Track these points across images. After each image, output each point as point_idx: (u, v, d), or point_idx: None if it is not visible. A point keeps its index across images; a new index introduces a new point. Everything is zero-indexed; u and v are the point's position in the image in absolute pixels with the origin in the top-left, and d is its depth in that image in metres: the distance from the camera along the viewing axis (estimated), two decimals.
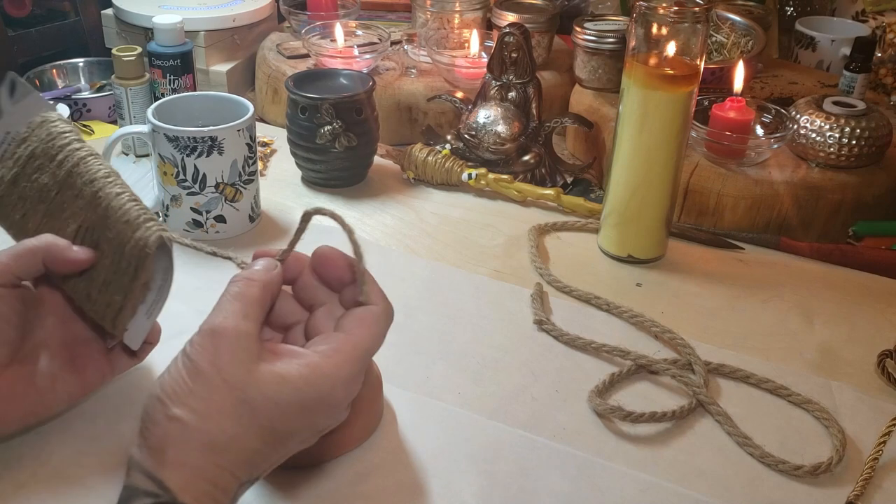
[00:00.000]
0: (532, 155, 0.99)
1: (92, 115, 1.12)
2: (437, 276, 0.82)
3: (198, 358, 0.47)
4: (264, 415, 0.47)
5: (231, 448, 0.46)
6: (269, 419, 0.47)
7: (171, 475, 0.45)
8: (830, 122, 0.90)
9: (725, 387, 0.70)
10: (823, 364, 0.73)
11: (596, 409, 0.66)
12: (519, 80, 0.99)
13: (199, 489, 0.45)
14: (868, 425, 0.66)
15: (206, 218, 0.85)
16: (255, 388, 0.46)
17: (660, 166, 0.80)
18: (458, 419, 0.65)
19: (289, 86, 0.93)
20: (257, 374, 0.47)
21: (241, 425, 0.46)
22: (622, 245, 0.85)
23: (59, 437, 0.61)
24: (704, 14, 0.76)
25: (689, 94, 0.78)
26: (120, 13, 1.19)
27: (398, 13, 1.31)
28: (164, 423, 0.46)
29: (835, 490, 0.60)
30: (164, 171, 0.83)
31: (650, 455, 0.63)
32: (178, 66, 1.01)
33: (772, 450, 0.63)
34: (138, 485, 0.45)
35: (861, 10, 1.27)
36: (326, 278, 0.54)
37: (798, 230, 0.90)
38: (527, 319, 0.76)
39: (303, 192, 0.97)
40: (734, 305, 0.80)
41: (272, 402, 0.47)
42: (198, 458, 0.45)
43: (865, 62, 1.04)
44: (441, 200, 0.96)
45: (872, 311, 0.80)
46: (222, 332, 0.47)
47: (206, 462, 0.45)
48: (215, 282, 0.79)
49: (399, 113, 1.09)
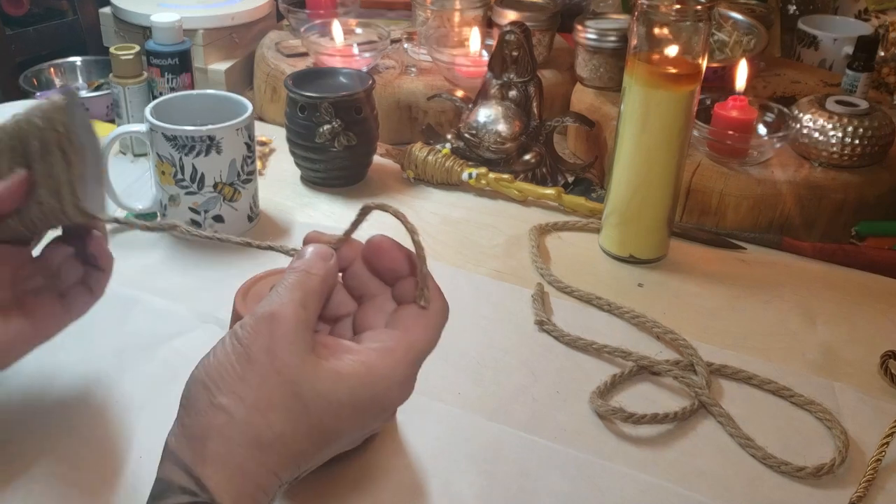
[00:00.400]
0: (533, 154, 0.99)
1: (90, 115, 1.11)
2: (438, 276, 0.81)
3: (251, 343, 0.43)
4: (316, 413, 0.43)
5: (277, 446, 0.42)
6: (321, 417, 0.43)
7: (211, 472, 0.41)
8: (833, 122, 0.90)
9: (727, 388, 0.69)
10: (825, 365, 0.72)
11: (597, 410, 0.66)
12: (520, 79, 0.98)
13: (240, 489, 0.41)
14: (870, 426, 0.66)
15: (205, 218, 0.84)
16: (309, 384, 0.43)
17: (661, 166, 0.80)
18: (459, 419, 0.64)
19: (288, 84, 0.93)
20: (312, 369, 0.43)
21: (290, 421, 0.42)
22: (624, 245, 0.85)
23: (60, 437, 0.61)
24: (706, 12, 0.76)
25: (691, 93, 0.78)
26: (118, 12, 1.19)
27: (398, 11, 1.31)
28: (207, 411, 0.42)
29: (837, 491, 0.60)
30: (163, 171, 0.83)
31: (651, 456, 0.62)
32: (176, 64, 1.01)
33: (774, 451, 0.62)
34: (174, 479, 0.41)
35: (864, 8, 1.27)
36: (380, 270, 0.50)
37: (800, 230, 0.90)
38: (528, 320, 0.76)
39: (302, 191, 0.97)
40: (736, 306, 0.80)
41: (325, 400, 0.43)
42: (241, 454, 0.42)
43: (868, 61, 1.04)
44: (441, 200, 0.96)
45: (874, 311, 0.79)
46: (281, 319, 0.43)
47: (249, 459, 0.42)
48: (214, 282, 0.80)
49: (399, 112, 1.09)
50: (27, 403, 0.65)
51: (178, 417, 0.43)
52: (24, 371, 0.68)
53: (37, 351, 0.69)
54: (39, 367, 0.68)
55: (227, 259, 0.81)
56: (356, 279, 0.50)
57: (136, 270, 0.81)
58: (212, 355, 0.44)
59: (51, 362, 0.69)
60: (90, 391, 0.66)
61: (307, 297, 0.45)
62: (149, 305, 0.76)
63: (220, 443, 0.42)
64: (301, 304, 0.44)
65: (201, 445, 0.42)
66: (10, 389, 0.66)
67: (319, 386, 0.43)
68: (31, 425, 0.62)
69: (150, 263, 0.82)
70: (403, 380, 0.46)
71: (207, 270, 0.81)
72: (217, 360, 0.43)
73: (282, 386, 0.42)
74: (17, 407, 0.64)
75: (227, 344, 0.44)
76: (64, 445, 0.61)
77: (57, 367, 0.68)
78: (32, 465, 0.59)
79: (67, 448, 0.60)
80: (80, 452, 0.60)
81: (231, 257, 0.81)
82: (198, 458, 0.41)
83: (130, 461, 0.60)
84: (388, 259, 0.49)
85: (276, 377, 0.42)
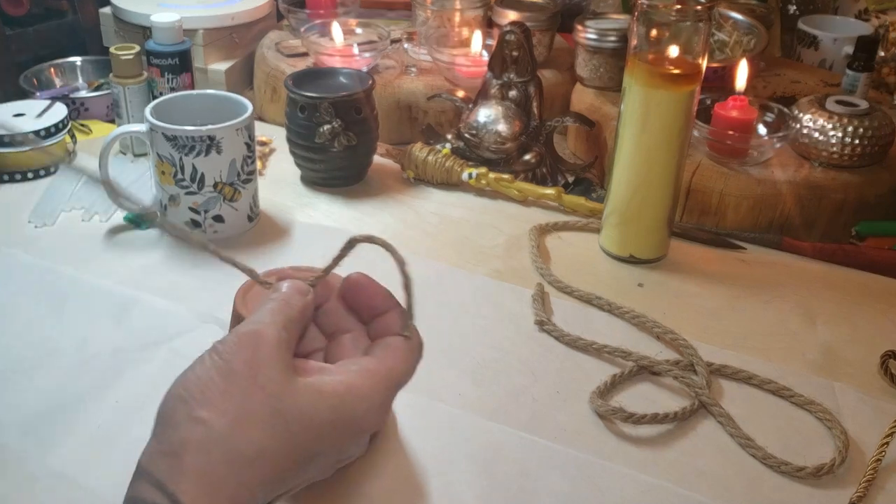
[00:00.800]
0: (533, 154, 0.98)
1: (90, 115, 1.12)
2: (438, 276, 0.82)
3: (232, 358, 0.42)
4: (296, 429, 0.42)
5: (257, 463, 0.41)
6: (301, 435, 0.42)
7: (187, 487, 0.39)
8: (833, 122, 0.90)
9: (728, 388, 0.69)
10: (825, 365, 0.72)
11: (597, 410, 0.66)
12: (520, 79, 0.98)
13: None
14: (871, 426, 0.66)
15: (205, 218, 0.84)
16: (291, 399, 0.42)
17: (661, 166, 0.80)
18: (459, 420, 0.64)
19: (288, 84, 0.93)
20: (294, 385, 0.43)
21: (272, 438, 0.41)
22: (624, 245, 0.85)
23: (60, 438, 0.61)
24: (706, 12, 0.76)
25: (691, 93, 0.78)
26: (118, 12, 1.19)
27: (398, 11, 1.30)
28: (185, 424, 0.41)
29: (837, 491, 0.60)
30: (163, 171, 0.83)
31: (651, 456, 0.62)
32: (176, 64, 1.01)
33: (774, 451, 0.62)
34: (146, 497, 0.40)
35: (864, 8, 1.26)
36: (357, 306, 0.50)
37: (801, 230, 0.90)
38: (528, 320, 0.76)
39: (302, 191, 0.97)
40: (736, 306, 0.80)
41: (306, 417, 0.42)
42: (219, 469, 0.40)
43: (868, 61, 1.04)
44: (441, 200, 0.96)
45: (874, 311, 0.79)
46: (264, 336, 0.43)
47: (227, 476, 0.40)
48: (213, 282, 0.79)
49: (399, 112, 1.09)
50: (27, 404, 0.64)
51: (154, 435, 0.42)
52: (25, 371, 0.68)
53: (36, 351, 0.70)
54: (39, 367, 0.68)
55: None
56: (330, 316, 0.50)
57: (136, 270, 0.81)
58: (190, 371, 0.43)
59: (51, 362, 0.69)
60: (90, 391, 0.66)
61: (288, 322, 0.45)
62: (148, 305, 0.76)
63: (197, 457, 0.40)
64: (282, 327, 0.45)
65: (178, 460, 0.40)
66: (10, 390, 0.66)
67: (301, 402, 0.42)
68: (31, 426, 0.62)
69: (150, 263, 0.82)
70: (381, 404, 0.46)
71: (207, 270, 0.81)
72: (196, 374, 0.43)
73: (264, 401, 0.42)
74: (16, 407, 0.64)
75: (206, 359, 0.43)
76: (64, 446, 0.61)
77: (57, 368, 0.68)
78: (32, 466, 0.59)
79: (67, 448, 0.60)
80: (80, 452, 0.60)
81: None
82: (174, 473, 0.40)
83: (131, 461, 0.60)
84: (367, 296, 0.49)
85: (258, 392, 0.42)
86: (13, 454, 0.60)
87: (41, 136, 0.95)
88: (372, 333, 0.49)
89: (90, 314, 0.75)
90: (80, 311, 0.75)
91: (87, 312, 0.75)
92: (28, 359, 0.69)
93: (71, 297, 0.76)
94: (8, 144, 0.94)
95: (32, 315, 0.74)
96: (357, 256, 0.48)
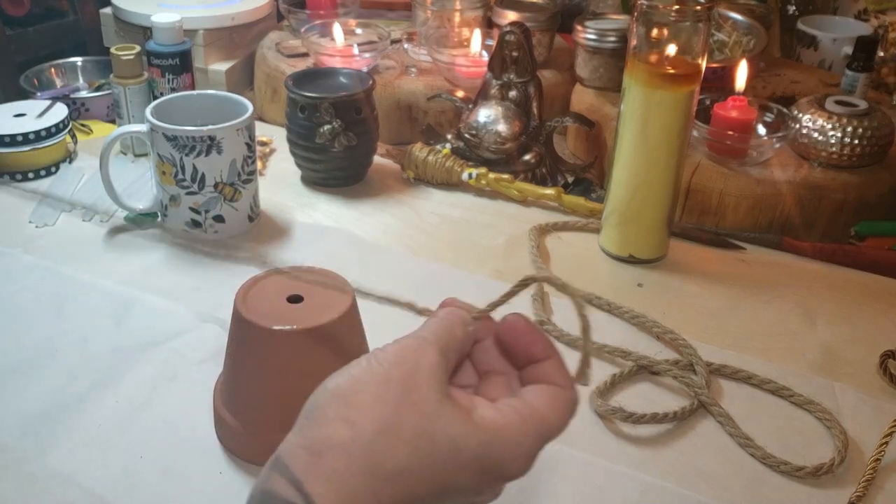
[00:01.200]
0: (533, 154, 0.99)
1: (90, 115, 1.12)
2: (438, 276, 0.82)
3: (392, 368, 0.41)
4: (441, 456, 0.40)
5: (395, 480, 0.39)
6: (445, 464, 0.40)
7: (323, 490, 0.38)
8: (833, 122, 0.90)
9: (727, 388, 0.69)
10: (825, 364, 0.72)
11: (597, 410, 0.66)
12: (520, 79, 0.98)
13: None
14: (870, 426, 0.66)
15: (205, 218, 0.84)
16: (442, 424, 0.40)
17: (661, 166, 0.80)
18: None
19: (288, 85, 0.93)
20: (447, 409, 0.41)
21: (415, 458, 0.39)
22: (623, 245, 0.85)
23: (61, 439, 0.61)
24: (706, 13, 0.76)
25: (691, 94, 0.78)
26: (118, 12, 1.19)
27: (398, 11, 1.31)
28: (334, 423, 0.39)
29: (837, 491, 0.60)
30: (163, 171, 0.83)
31: (651, 456, 0.62)
32: (176, 65, 1.01)
33: (773, 451, 0.62)
34: (279, 491, 0.38)
35: (863, 8, 1.27)
36: (514, 351, 0.47)
37: (800, 230, 0.90)
38: None
39: (302, 191, 0.97)
40: (736, 306, 0.80)
41: (454, 446, 0.40)
42: (357, 478, 0.38)
43: (867, 61, 1.04)
44: (441, 200, 0.96)
45: (874, 311, 0.79)
46: (426, 353, 0.42)
47: (364, 486, 0.38)
48: (213, 282, 0.80)
49: (399, 112, 1.09)
50: (27, 404, 0.65)
51: (299, 428, 0.40)
52: (25, 371, 0.68)
53: (36, 351, 0.70)
54: (39, 367, 0.68)
55: (227, 259, 0.82)
56: (486, 354, 0.48)
57: (136, 270, 0.81)
58: (346, 371, 0.42)
59: (51, 362, 0.69)
60: (90, 391, 0.66)
61: (448, 347, 0.43)
62: (148, 305, 0.76)
63: (339, 459, 0.39)
64: (443, 351, 0.43)
65: (318, 458, 0.39)
66: (10, 390, 0.66)
67: (451, 429, 0.40)
68: (31, 426, 0.62)
69: (150, 263, 0.82)
70: (529, 452, 0.43)
71: (207, 270, 0.81)
72: (353, 377, 0.41)
73: (415, 418, 0.40)
74: (16, 407, 0.64)
75: (364, 363, 0.42)
76: (64, 446, 0.61)
77: (57, 368, 0.68)
78: (32, 466, 0.59)
79: (67, 448, 0.60)
80: (80, 452, 0.60)
81: (231, 257, 0.82)
82: (311, 471, 0.38)
83: (131, 461, 0.60)
84: (524, 342, 0.47)
85: (412, 408, 0.40)
86: (13, 454, 0.60)
87: (42, 137, 0.95)
88: (524, 379, 0.47)
89: (90, 314, 0.75)
90: (80, 311, 0.75)
91: (87, 312, 0.75)
92: (28, 359, 0.69)
93: (71, 297, 0.77)
94: (8, 144, 0.94)
95: (32, 315, 0.74)
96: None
